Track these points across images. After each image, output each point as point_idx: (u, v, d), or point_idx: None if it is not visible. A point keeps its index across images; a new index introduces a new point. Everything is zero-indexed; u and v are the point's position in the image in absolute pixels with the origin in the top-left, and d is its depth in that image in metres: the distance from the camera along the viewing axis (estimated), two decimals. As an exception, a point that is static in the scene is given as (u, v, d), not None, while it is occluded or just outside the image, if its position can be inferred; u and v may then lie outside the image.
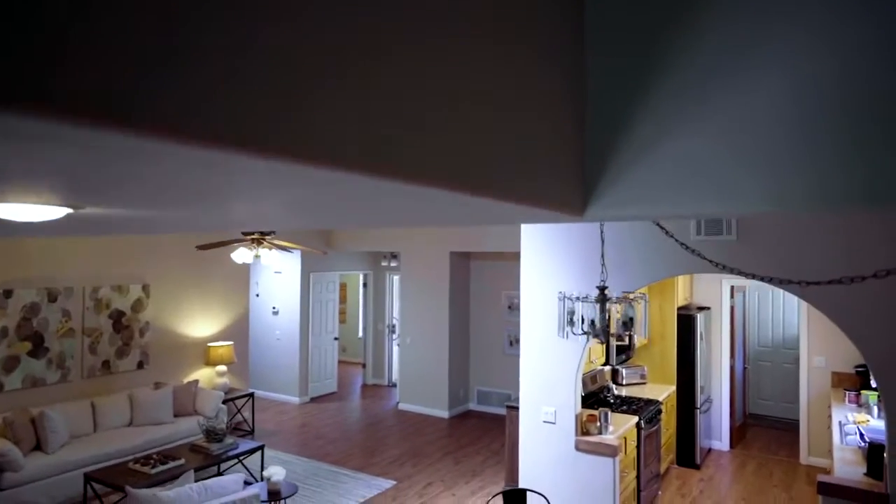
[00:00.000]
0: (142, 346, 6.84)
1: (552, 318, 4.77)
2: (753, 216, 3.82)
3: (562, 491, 4.58)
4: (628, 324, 2.49)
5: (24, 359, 5.78)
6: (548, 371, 4.78)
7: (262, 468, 6.15)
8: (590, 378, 5.78)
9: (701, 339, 6.67)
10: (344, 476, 6.14)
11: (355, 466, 6.44)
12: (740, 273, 4.04)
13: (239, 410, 7.69)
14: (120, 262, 6.66)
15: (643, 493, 5.33)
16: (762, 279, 3.96)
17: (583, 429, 4.75)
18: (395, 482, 6.01)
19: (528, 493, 3.91)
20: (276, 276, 9.40)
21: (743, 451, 7.12)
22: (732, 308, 7.25)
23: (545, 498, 3.64)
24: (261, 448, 5.71)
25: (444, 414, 8.50)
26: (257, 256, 5.31)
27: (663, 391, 6.32)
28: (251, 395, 7.64)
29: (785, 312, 8.56)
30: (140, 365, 6.82)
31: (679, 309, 6.72)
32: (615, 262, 4.47)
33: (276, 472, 4.24)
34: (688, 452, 6.57)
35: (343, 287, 12.75)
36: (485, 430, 7.88)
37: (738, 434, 7.45)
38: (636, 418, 5.29)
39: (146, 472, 4.85)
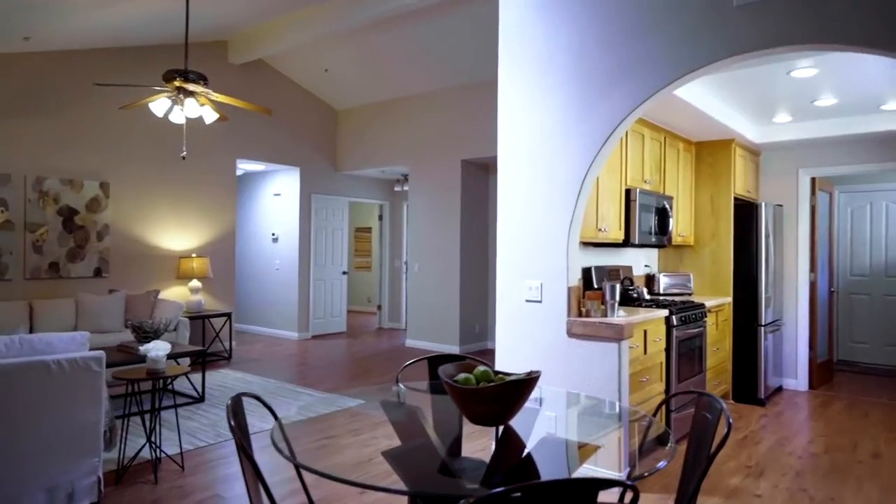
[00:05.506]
0: (100, 252, 6.06)
1: (537, 146, 3.45)
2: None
3: (548, 388, 3.27)
4: None
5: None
6: (531, 230, 3.47)
7: (204, 383, 5.27)
8: (606, 272, 4.39)
9: (768, 236, 5.09)
10: (306, 395, 5.07)
11: (326, 389, 5.36)
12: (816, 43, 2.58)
13: (217, 334, 6.81)
14: (72, 154, 5.89)
15: (674, 415, 3.91)
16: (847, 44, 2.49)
17: (580, 308, 3.41)
18: (363, 402, 4.87)
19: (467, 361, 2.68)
20: (275, 198, 8.49)
21: (827, 392, 5.46)
22: (814, 207, 5.58)
23: (485, 364, 2.40)
24: (201, 353, 4.72)
25: (455, 350, 7.27)
26: (181, 109, 4.29)
27: (713, 301, 4.81)
28: (228, 315, 6.73)
29: (889, 227, 6.69)
30: (98, 272, 6.04)
31: (736, 199, 5.17)
32: (596, 57, 3.09)
33: (154, 347, 3.21)
34: (748, 385, 5.01)
35: (367, 233, 11.76)
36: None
37: (822, 373, 5.76)
38: (666, 312, 3.87)
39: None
